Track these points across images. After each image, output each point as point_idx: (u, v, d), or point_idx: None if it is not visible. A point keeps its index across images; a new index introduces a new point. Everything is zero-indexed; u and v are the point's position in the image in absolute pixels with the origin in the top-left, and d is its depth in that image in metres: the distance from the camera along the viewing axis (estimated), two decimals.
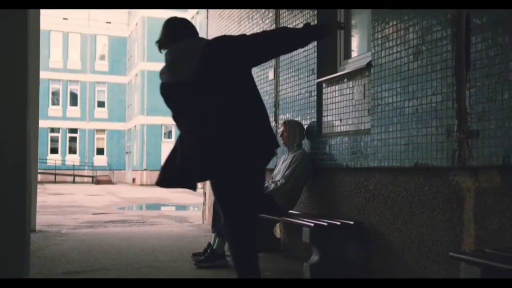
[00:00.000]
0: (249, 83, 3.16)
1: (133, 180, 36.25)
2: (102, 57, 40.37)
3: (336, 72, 4.93)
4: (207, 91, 2.98)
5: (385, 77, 4.01)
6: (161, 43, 3.19)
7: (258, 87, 6.63)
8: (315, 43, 5.05)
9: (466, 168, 3.26)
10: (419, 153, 3.63)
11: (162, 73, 3.16)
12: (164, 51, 3.18)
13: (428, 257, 3.57)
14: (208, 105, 2.98)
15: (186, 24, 3.20)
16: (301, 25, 4.83)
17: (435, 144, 3.48)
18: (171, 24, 3.21)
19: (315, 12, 5.05)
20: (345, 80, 4.71)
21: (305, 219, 4.48)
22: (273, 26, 5.93)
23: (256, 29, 6.41)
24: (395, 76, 3.90)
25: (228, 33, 7.48)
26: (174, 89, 3.09)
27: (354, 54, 4.97)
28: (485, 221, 3.12)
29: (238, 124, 3.00)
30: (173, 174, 3.06)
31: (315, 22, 5.04)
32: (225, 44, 3.06)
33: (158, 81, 3.19)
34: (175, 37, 3.12)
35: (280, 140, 5.18)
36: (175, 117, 3.19)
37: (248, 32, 6.63)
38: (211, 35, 8.34)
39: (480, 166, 3.15)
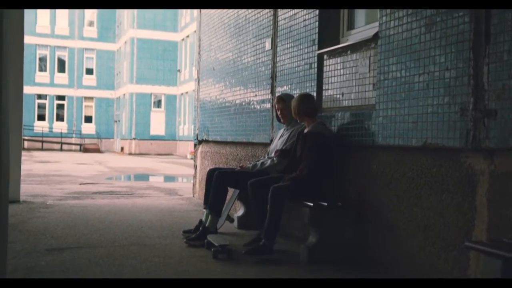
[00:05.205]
0: None
1: (122, 149, 35.93)
2: (91, 23, 39.54)
3: (338, 43, 4.66)
4: None
5: (394, 49, 3.75)
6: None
7: (254, 58, 6.35)
8: (317, 12, 4.77)
9: (481, 149, 3.03)
10: (428, 132, 3.40)
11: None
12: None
13: (434, 242, 3.37)
14: None
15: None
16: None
17: (447, 122, 3.25)
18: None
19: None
20: (349, 52, 4.44)
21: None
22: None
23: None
24: (405, 48, 3.64)
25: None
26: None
27: (358, 24, 4.69)
28: (500, 207, 2.91)
29: None
30: None
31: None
32: None
33: (148, 49, 2.96)
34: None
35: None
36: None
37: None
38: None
39: (497, 148, 2.93)
